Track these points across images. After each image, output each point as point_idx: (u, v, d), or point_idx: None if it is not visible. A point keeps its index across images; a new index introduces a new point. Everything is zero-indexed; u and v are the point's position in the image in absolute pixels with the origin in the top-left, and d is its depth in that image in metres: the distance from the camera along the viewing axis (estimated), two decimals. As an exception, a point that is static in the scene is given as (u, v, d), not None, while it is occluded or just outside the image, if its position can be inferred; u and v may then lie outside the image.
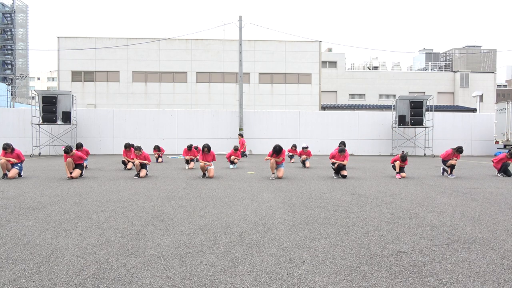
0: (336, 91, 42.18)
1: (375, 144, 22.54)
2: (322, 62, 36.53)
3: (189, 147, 13.57)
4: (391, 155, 21.28)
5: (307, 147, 14.00)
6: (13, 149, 9.98)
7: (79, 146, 12.79)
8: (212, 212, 5.64)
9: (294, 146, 16.14)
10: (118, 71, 32.00)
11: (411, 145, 22.09)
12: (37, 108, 19.76)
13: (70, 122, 19.70)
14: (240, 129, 21.65)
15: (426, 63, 53.89)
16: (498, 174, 11.19)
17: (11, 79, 60.76)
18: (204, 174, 10.22)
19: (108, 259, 3.48)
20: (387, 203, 6.42)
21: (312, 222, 5.02)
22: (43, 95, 19.75)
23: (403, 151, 12.37)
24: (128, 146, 12.96)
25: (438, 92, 41.90)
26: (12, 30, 64.20)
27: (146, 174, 10.48)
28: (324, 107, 35.28)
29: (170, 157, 18.79)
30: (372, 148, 22.52)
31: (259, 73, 32.66)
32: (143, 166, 10.37)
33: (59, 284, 2.93)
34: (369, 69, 52.04)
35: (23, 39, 67.63)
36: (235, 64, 30.16)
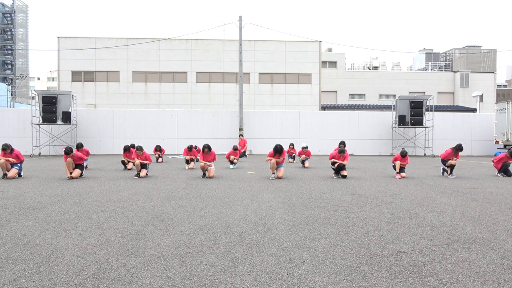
0: (336, 91, 42.16)
1: (375, 144, 22.53)
2: (322, 62, 36.51)
3: (190, 148, 13.55)
4: (391, 155, 21.28)
5: (307, 147, 13.99)
6: (12, 150, 9.99)
7: (80, 146, 12.78)
8: (212, 212, 5.64)
9: (292, 145, 16.18)
10: (118, 71, 32.00)
11: (411, 145, 22.07)
12: (37, 108, 19.75)
13: (70, 122, 19.69)
14: (240, 129, 21.64)
15: (426, 63, 53.86)
16: (498, 174, 11.19)
17: (11, 79, 60.76)
18: (204, 174, 10.22)
19: (108, 259, 3.47)
20: (387, 203, 6.42)
21: (312, 222, 5.02)
22: (43, 95, 19.74)
23: (403, 148, 12.39)
24: (128, 149, 12.95)
25: (438, 92, 41.88)
26: (12, 30, 64.18)
27: (147, 174, 10.48)
28: (324, 107, 35.26)
29: (170, 157, 18.79)
30: (372, 148, 22.52)
31: (259, 73, 32.65)
32: (143, 166, 10.38)
33: (59, 284, 2.93)
34: (369, 69, 52.03)
35: (23, 39, 67.62)
36: (235, 64, 30.16)
